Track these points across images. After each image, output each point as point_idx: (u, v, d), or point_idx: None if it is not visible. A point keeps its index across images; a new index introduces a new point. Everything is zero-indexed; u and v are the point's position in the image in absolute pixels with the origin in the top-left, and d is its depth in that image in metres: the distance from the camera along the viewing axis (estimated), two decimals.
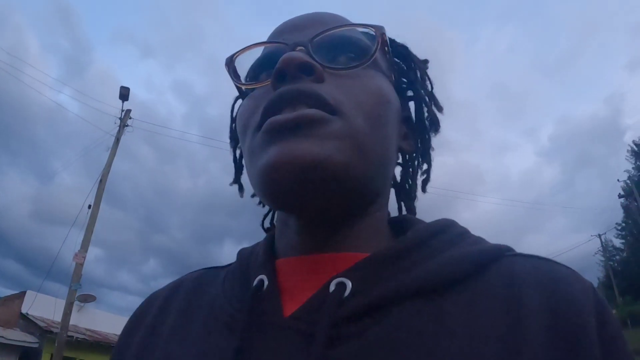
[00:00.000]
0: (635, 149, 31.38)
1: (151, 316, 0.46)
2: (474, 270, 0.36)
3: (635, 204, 21.15)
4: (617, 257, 34.60)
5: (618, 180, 23.95)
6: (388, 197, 0.48)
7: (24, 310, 11.30)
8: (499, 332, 0.32)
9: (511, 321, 0.33)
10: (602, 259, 28.14)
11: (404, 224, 0.46)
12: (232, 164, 0.56)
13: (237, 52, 0.45)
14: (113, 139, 10.21)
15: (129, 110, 10.85)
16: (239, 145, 0.53)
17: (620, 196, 23.25)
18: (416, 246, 0.38)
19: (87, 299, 12.63)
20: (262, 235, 0.50)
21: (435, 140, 0.53)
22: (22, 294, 11.70)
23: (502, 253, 0.39)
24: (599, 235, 26.56)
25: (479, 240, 0.41)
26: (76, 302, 9.82)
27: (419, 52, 0.54)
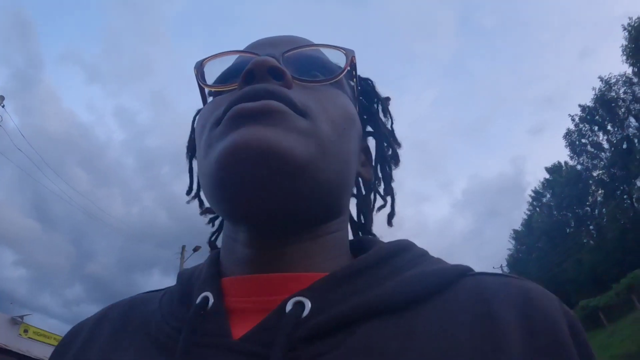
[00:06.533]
0: (515, 235, 38.95)
1: (75, 348, 0.42)
2: (439, 288, 0.36)
3: None
4: None
5: (493, 267, 28.90)
6: (348, 220, 0.47)
7: None
8: (474, 344, 0.31)
9: (487, 335, 0.32)
10: None
11: (364, 244, 0.44)
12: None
13: (208, 57, 0.44)
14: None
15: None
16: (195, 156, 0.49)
17: None
18: (378, 264, 0.37)
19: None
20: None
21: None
22: None
23: (465, 272, 0.39)
24: None
25: (440, 260, 0.41)
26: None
27: None
